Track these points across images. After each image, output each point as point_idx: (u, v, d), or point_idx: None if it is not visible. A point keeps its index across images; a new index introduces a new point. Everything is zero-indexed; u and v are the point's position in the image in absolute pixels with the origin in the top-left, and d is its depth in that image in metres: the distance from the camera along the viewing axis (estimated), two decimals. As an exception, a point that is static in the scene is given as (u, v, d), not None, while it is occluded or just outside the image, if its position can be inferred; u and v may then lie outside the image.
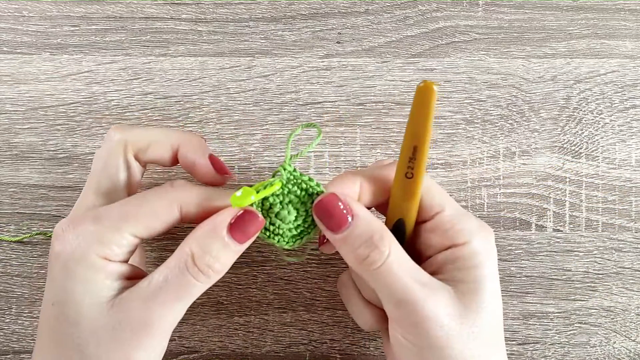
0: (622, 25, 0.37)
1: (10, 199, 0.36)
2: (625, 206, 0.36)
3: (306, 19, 0.37)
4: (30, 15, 0.37)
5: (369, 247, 0.25)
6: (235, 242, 0.26)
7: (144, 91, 0.37)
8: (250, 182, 0.36)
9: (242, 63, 0.37)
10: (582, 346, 0.36)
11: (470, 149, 0.36)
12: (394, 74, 0.37)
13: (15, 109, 0.36)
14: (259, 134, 0.36)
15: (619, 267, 0.36)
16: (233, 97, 0.37)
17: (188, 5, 0.37)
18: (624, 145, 0.37)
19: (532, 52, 0.37)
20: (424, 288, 0.25)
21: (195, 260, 0.25)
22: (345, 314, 0.36)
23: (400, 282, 0.25)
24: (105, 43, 0.37)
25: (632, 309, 0.36)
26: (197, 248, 0.25)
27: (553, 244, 0.36)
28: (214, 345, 0.36)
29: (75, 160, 0.36)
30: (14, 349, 0.36)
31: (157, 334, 0.25)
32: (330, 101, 0.37)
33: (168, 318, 0.26)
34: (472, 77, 0.37)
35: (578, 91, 0.37)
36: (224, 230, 0.26)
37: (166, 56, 0.37)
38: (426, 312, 0.25)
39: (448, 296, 0.26)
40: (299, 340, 0.36)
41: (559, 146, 0.36)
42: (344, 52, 0.37)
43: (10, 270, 0.36)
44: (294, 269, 0.36)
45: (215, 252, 0.25)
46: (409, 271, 0.26)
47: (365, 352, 0.36)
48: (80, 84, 0.37)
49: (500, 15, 0.37)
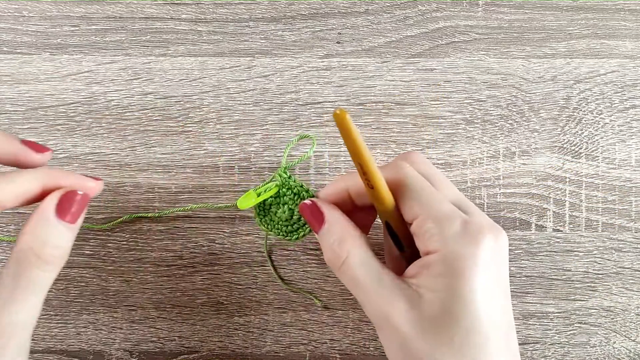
0: (622, 25, 0.37)
1: (10, 199, 0.36)
2: (625, 206, 0.36)
3: (306, 19, 0.37)
4: (30, 15, 0.37)
5: (332, 250, 0.28)
6: (66, 223, 0.26)
7: (144, 91, 0.37)
8: (250, 182, 0.36)
9: (242, 63, 0.37)
10: (582, 346, 0.36)
11: (470, 149, 0.36)
12: (394, 74, 0.37)
13: (15, 109, 0.36)
14: (259, 134, 0.36)
15: (619, 267, 0.36)
16: (233, 97, 0.37)
17: (188, 5, 0.37)
18: (624, 145, 0.37)
19: (532, 52, 0.37)
20: (380, 290, 0.27)
21: (37, 253, 0.25)
22: (345, 314, 0.36)
23: (356, 283, 0.28)
24: (105, 43, 0.37)
25: (632, 309, 0.36)
26: (34, 241, 0.25)
27: (553, 244, 0.36)
28: (214, 345, 0.36)
29: (75, 160, 0.36)
30: (14, 349, 0.36)
31: (15, 334, 0.25)
32: (330, 101, 0.37)
33: (21, 316, 0.25)
34: (472, 77, 0.37)
35: (578, 91, 0.37)
36: (52, 215, 0.26)
37: (166, 56, 0.37)
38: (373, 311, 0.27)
39: (405, 300, 0.26)
40: (299, 340, 0.36)
41: (559, 146, 0.36)
42: (344, 52, 0.37)
43: (10, 270, 0.36)
44: (293, 269, 0.36)
45: (53, 239, 0.26)
46: (369, 274, 0.27)
47: (365, 352, 0.36)
48: (80, 84, 0.37)
49: (500, 15, 0.37)
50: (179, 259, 0.36)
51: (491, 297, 0.26)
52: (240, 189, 0.36)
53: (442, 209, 0.27)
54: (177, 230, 0.36)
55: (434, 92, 0.37)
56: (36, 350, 0.36)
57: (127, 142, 0.36)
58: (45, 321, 0.36)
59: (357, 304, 0.36)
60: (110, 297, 0.36)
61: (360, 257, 0.28)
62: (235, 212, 0.36)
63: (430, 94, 0.37)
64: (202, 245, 0.36)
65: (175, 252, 0.36)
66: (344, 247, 0.28)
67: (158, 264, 0.36)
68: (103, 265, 0.36)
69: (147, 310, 0.36)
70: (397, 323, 0.26)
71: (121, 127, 0.36)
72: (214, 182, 0.36)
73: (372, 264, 0.28)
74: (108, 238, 0.36)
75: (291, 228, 0.32)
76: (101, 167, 0.36)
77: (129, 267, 0.36)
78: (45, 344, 0.36)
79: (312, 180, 0.36)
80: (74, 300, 0.36)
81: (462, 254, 0.26)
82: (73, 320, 0.36)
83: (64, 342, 0.36)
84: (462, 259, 0.26)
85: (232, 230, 0.36)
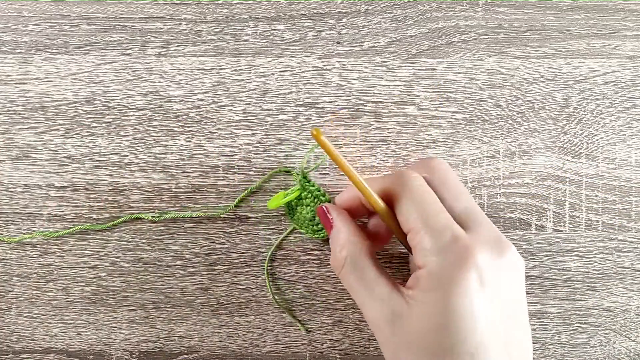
0: (622, 25, 0.37)
1: (10, 199, 0.36)
2: (625, 206, 0.36)
3: (306, 19, 0.37)
4: (30, 15, 0.37)
5: (334, 254, 0.30)
6: None
7: (144, 91, 0.37)
8: (250, 182, 0.36)
9: (242, 63, 0.37)
10: (582, 346, 0.36)
11: (470, 149, 0.36)
12: (394, 74, 0.37)
13: (15, 109, 0.36)
14: (259, 134, 0.36)
15: (619, 267, 0.36)
16: (233, 97, 0.37)
17: (188, 5, 0.37)
18: (624, 145, 0.37)
19: (532, 52, 0.37)
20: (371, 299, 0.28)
21: None
22: (345, 314, 0.36)
23: (351, 289, 0.30)
24: (105, 43, 0.37)
25: (632, 309, 0.36)
26: None
27: (553, 244, 0.36)
28: (214, 345, 0.36)
29: (75, 160, 0.36)
30: (14, 349, 0.36)
31: None
32: (330, 101, 0.37)
33: None
34: (472, 77, 0.37)
35: (578, 91, 0.37)
36: None
37: (166, 56, 0.37)
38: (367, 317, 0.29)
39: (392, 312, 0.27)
40: (299, 340, 0.36)
41: (559, 146, 0.36)
42: (344, 52, 0.37)
43: (10, 270, 0.36)
44: (293, 269, 0.36)
45: None
46: (363, 281, 0.29)
47: (365, 352, 0.36)
48: (80, 84, 0.37)
49: (500, 15, 0.37)
50: (179, 259, 0.36)
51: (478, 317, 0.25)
52: (240, 189, 0.36)
53: (434, 223, 0.27)
54: (177, 230, 0.36)
55: (434, 92, 0.37)
56: (36, 350, 0.36)
57: (127, 142, 0.36)
58: (45, 321, 0.36)
59: (357, 304, 0.36)
60: (110, 297, 0.36)
61: (357, 264, 0.29)
62: (235, 212, 0.36)
63: (430, 94, 0.37)
64: (202, 245, 0.36)
65: (175, 252, 0.36)
66: (343, 253, 0.30)
67: (158, 264, 0.36)
68: (103, 265, 0.36)
69: (147, 310, 0.36)
70: (386, 332, 0.27)
71: (121, 127, 0.36)
72: (214, 182, 0.36)
73: (367, 272, 0.29)
74: (108, 238, 0.36)
75: (317, 227, 0.34)
76: (101, 167, 0.36)
77: (129, 267, 0.36)
78: (45, 344, 0.36)
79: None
80: (74, 300, 0.36)
81: (445, 271, 0.26)
82: (73, 320, 0.36)
83: (64, 342, 0.36)
84: (445, 276, 0.26)
85: (232, 230, 0.36)
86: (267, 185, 0.36)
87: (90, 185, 0.36)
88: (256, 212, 0.36)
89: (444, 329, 0.25)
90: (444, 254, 0.26)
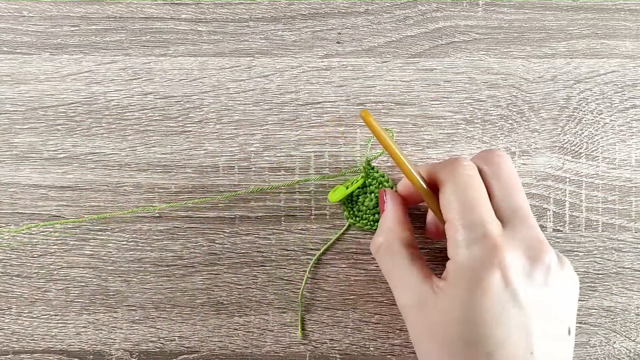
0: (622, 25, 0.37)
1: (10, 199, 0.36)
2: (625, 206, 0.36)
3: (306, 19, 0.37)
4: (30, 15, 0.37)
5: (375, 237, 0.32)
6: None
7: (144, 91, 0.37)
8: (250, 182, 0.36)
9: (242, 63, 0.37)
10: (582, 346, 0.36)
11: (471, 149, 0.36)
12: (394, 74, 0.37)
13: (15, 109, 0.36)
14: (259, 134, 0.36)
15: (619, 267, 0.36)
16: (233, 97, 0.37)
17: (188, 5, 0.37)
18: (624, 145, 0.37)
19: (532, 52, 0.37)
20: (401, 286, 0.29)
21: None
22: (345, 314, 0.36)
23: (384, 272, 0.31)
24: (105, 43, 0.37)
25: (632, 309, 0.36)
26: None
27: (553, 244, 0.36)
28: (214, 345, 0.36)
29: (75, 160, 0.36)
30: (14, 349, 0.36)
31: None
32: (330, 101, 0.37)
33: None
34: (472, 77, 0.37)
35: (578, 91, 0.37)
36: None
37: (166, 56, 0.37)
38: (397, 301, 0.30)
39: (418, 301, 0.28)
40: (299, 340, 0.36)
41: (559, 146, 0.36)
42: (344, 52, 0.37)
43: (10, 270, 0.36)
44: (293, 269, 0.36)
45: None
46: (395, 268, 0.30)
47: (365, 352, 0.36)
48: (80, 84, 0.37)
49: (500, 15, 0.37)
50: (179, 259, 0.36)
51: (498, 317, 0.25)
52: (240, 189, 0.36)
53: (471, 216, 0.26)
54: (177, 230, 0.36)
55: (434, 92, 0.37)
56: (36, 350, 0.36)
57: (127, 142, 0.36)
58: (45, 321, 0.36)
59: (357, 304, 0.36)
60: (110, 297, 0.36)
61: (392, 249, 0.30)
62: (235, 212, 0.36)
63: (430, 94, 0.37)
64: (202, 245, 0.36)
65: (175, 252, 0.36)
66: (380, 239, 0.31)
67: (158, 264, 0.36)
68: (103, 265, 0.36)
69: (147, 310, 0.36)
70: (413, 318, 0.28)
71: (121, 127, 0.36)
72: (214, 182, 0.36)
73: (399, 260, 0.29)
74: (108, 238, 0.36)
75: (378, 217, 0.35)
76: (101, 167, 0.36)
77: (129, 267, 0.36)
78: (45, 344, 0.36)
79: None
80: (74, 300, 0.36)
81: (470, 266, 0.26)
82: (73, 320, 0.36)
83: (64, 342, 0.36)
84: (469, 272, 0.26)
85: (232, 230, 0.36)
86: (266, 185, 0.36)
87: (90, 185, 0.36)
88: (256, 212, 0.36)
89: (463, 324, 0.25)
90: (472, 249, 0.26)
